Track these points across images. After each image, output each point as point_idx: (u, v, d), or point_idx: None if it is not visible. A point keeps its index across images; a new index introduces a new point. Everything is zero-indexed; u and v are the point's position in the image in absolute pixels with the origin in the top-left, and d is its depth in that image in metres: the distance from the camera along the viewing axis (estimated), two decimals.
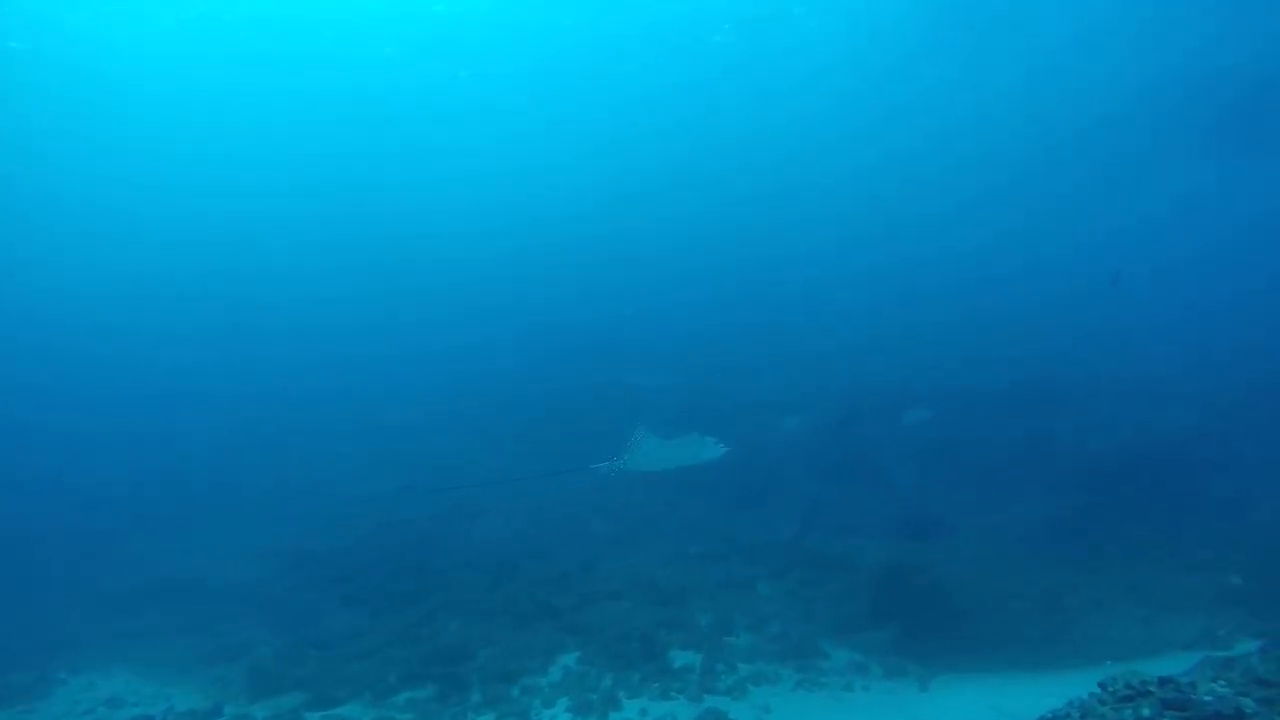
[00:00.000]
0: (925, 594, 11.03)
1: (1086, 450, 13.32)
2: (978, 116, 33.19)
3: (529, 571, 12.97)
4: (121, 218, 40.95)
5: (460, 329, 44.01)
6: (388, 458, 21.69)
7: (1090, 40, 25.50)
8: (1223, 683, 4.06)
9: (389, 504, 17.19)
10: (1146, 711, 3.84)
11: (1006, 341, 23.08)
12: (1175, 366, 21.10)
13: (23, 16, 23.81)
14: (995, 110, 32.34)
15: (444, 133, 35.64)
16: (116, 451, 26.46)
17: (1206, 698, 3.78)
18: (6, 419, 31.72)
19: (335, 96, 31.15)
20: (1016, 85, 29.38)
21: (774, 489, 16.04)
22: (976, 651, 9.75)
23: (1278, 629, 9.18)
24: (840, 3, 25.41)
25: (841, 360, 23.68)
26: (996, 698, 7.95)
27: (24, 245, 42.14)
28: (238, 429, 27.79)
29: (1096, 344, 23.80)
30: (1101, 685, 4.19)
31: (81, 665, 11.63)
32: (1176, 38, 23.98)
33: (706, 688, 8.39)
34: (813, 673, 9.17)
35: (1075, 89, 28.84)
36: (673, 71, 30.38)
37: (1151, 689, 3.98)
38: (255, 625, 12.55)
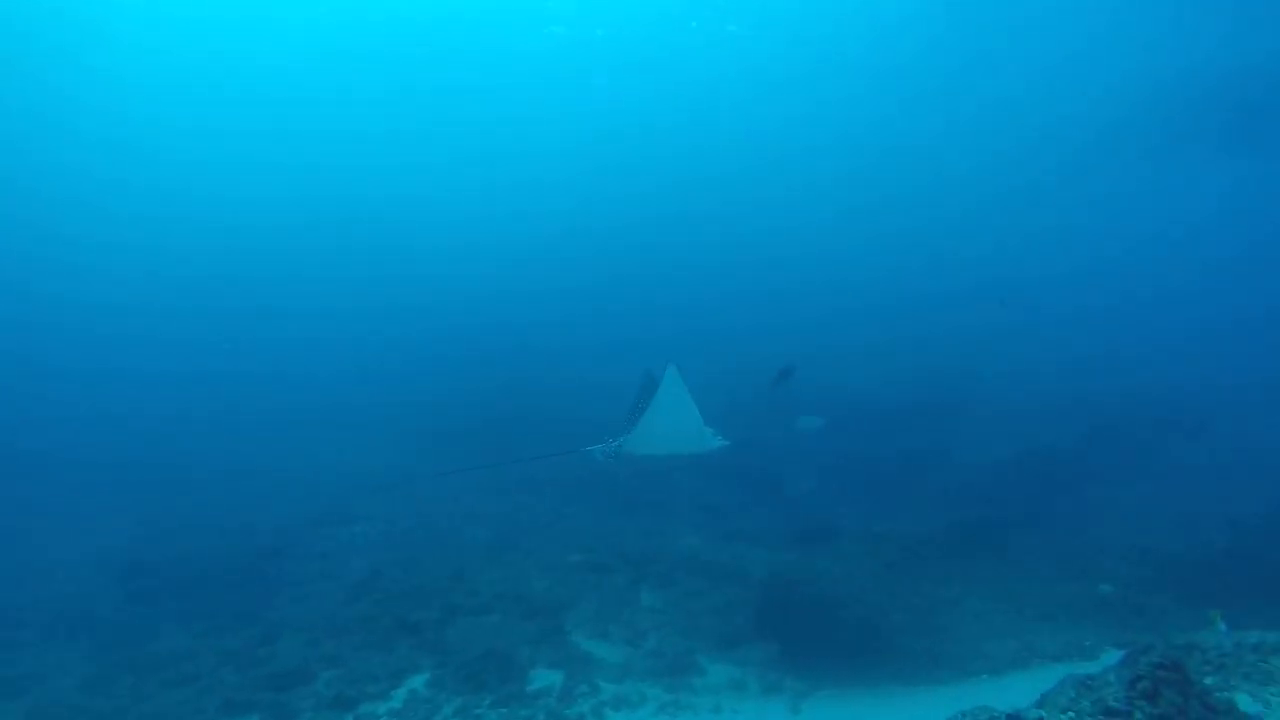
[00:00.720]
0: (810, 606, 10.75)
1: (978, 463, 13.36)
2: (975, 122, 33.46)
3: (392, 583, 12.01)
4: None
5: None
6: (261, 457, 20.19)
7: (1087, 42, 25.66)
8: (1071, 714, 3.70)
9: (250, 506, 15.83)
10: None
11: (916, 357, 23.55)
12: (1068, 380, 22.05)
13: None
14: (994, 115, 32.48)
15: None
16: None
17: None
18: None
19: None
20: (1019, 89, 29.64)
21: (669, 496, 15.60)
22: (857, 665, 9.50)
23: (1140, 639, 9.32)
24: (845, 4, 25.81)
25: (752, 369, 23.60)
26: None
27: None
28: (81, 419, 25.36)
29: (996, 360, 24.60)
30: None
31: None
32: (1175, 40, 23.94)
33: (557, 714, 7.72)
34: (684, 693, 8.66)
35: (1076, 93, 28.86)
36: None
37: None
38: (68, 648, 11.10)
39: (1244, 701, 4.20)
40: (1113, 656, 8.85)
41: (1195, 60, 24.07)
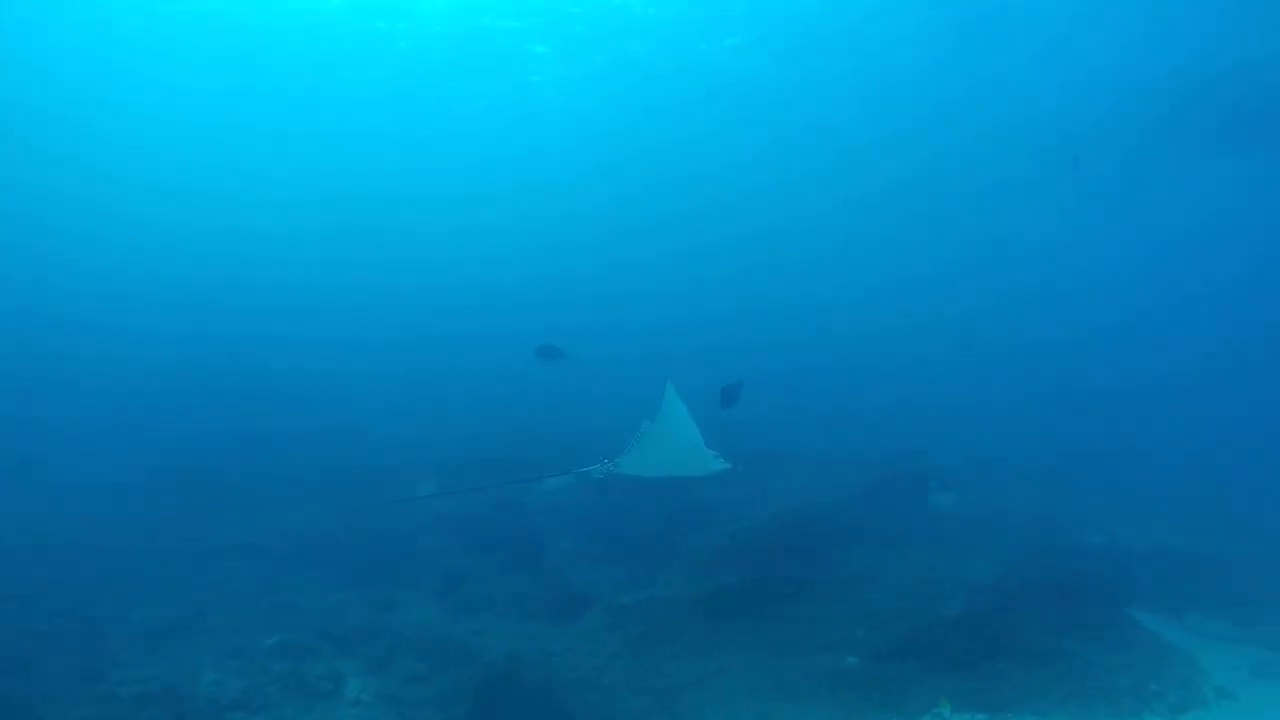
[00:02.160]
0: (536, 694, 9.42)
1: (749, 521, 12.74)
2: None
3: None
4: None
5: None
6: None
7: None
8: None
9: None
10: None
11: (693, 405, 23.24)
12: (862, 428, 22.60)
13: None
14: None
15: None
16: None
17: None
18: None
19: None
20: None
21: (411, 558, 13.76)
22: None
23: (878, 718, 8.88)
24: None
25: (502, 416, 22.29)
26: None
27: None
28: None
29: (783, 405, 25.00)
30: None
31: None
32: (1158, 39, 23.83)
33: None
34: None
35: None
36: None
37: None
38: None
39: None
40: None
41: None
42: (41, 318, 42.10)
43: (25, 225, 42.15)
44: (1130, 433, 24.07)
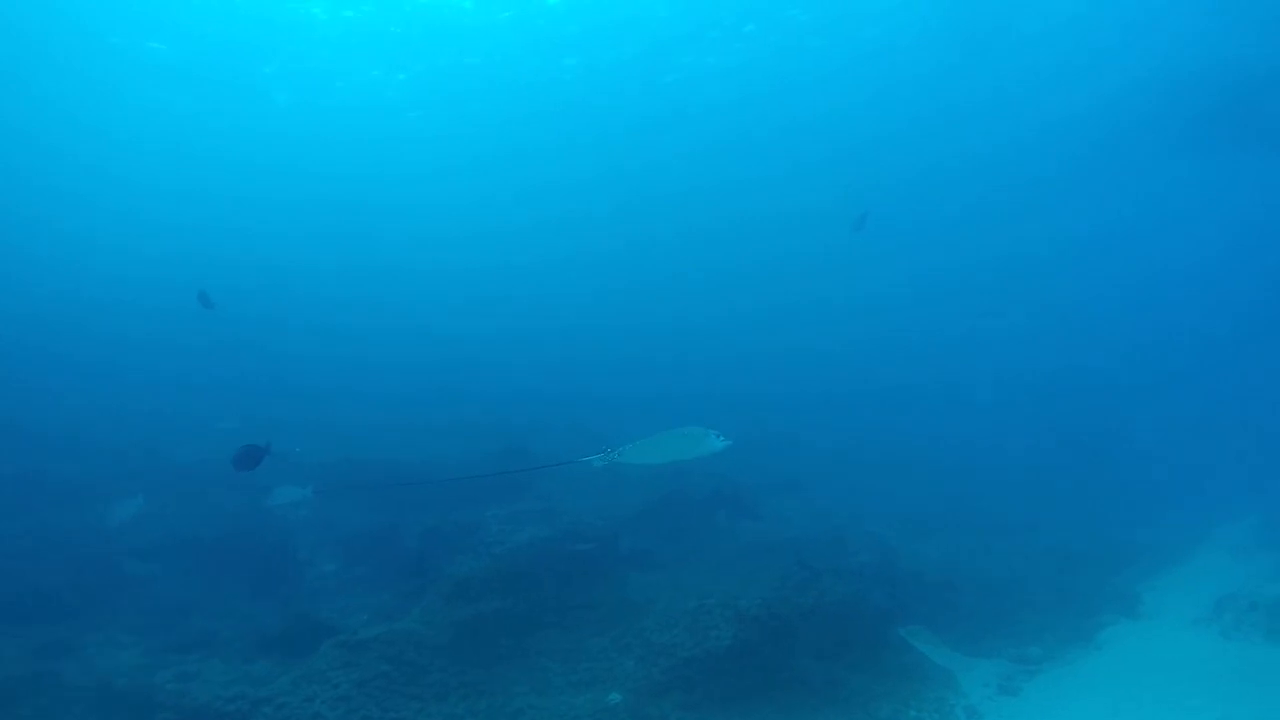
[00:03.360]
0: None
1: (511, 544, 11.65)
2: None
3: None
4: None
5: None
6: None
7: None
8: None
9: None
10: None
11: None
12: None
13: None
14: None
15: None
16: None
17: None
18: None
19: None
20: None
21: (106, 593, 11.47)
22: None
23: None
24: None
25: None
26: None
27: None
28: None
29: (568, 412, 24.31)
30: None
31: None
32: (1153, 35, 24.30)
33: None
34: None
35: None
36: None
37: None
38: None
39: None
40: None
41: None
42: None
43: None
44: (923, 452, 25.25)
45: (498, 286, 53.19)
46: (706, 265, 51.69)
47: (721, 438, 7.53)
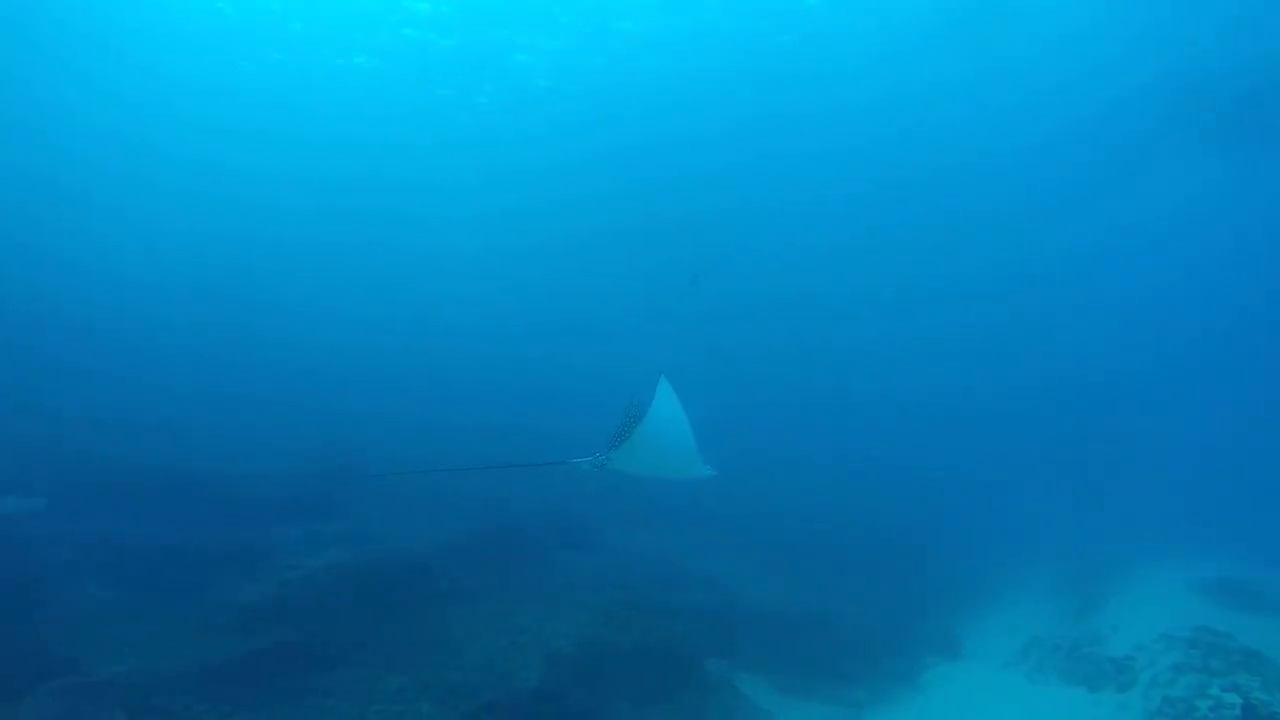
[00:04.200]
0: None
1: (307, 569, 10.38)
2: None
3: None
4: None
5: None
6: None
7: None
8: None
9: None
10: None
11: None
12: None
13: None
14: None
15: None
16: None
17: None
18: None
19: None
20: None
21: None
22: None
23: None
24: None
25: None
26: None
27: None
28: None
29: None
30: None
31: None
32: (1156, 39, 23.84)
33: None
34: None
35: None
36: None
37: None
38: None
39: None
40: None
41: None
42: None
43: None
44: (773, 488, 25.44)
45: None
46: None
47: (708, 466, 7.54)
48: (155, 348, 37.24)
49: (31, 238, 44.36)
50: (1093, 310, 47.26)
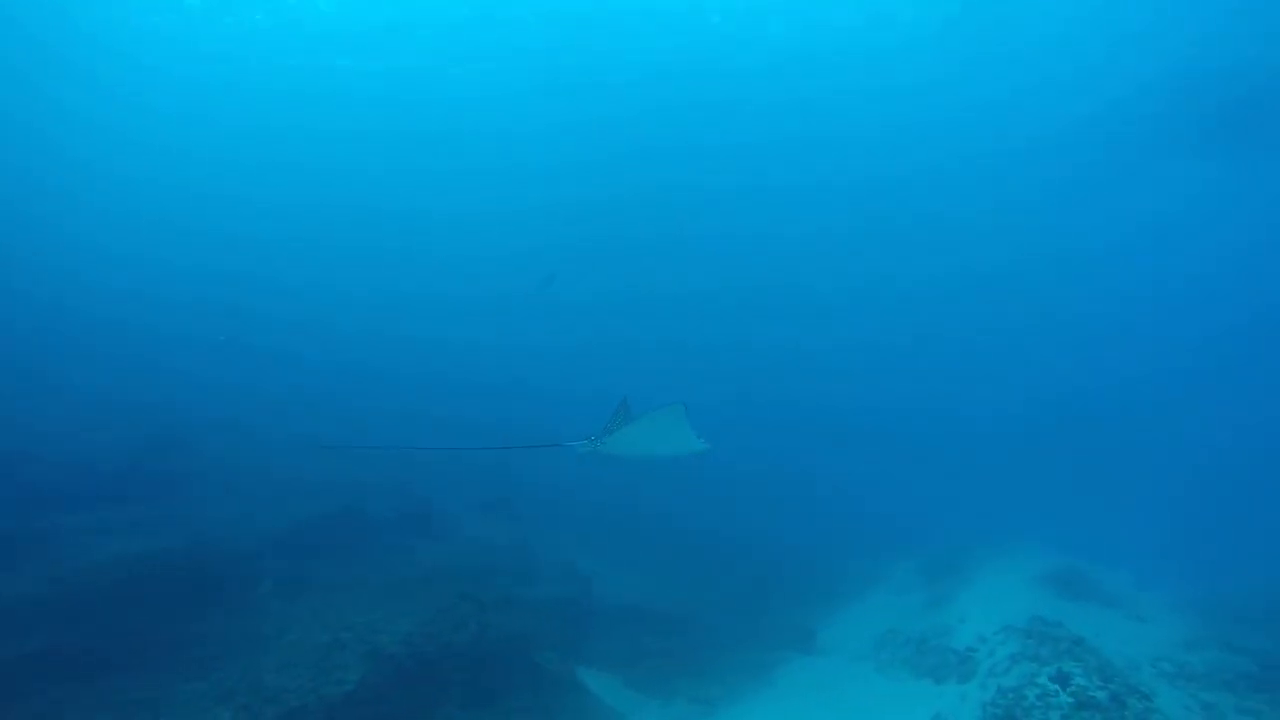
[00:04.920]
0: None
1: (80, 561, 9.14)
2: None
3: None
4: None
5: None
6: None
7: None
8: None
9: None
10: None
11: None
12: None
13: None
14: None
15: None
16: None
17: None
18: None
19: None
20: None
21: None
22: None
23: None
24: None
25: None
26: None
27: None
28: None
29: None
30: None
31: None
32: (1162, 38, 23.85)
33: None
34: None
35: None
36: None
37: None
38: None
39: None
40: None
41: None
42: None
43: None
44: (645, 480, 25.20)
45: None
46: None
47: (702, 440, 7.45)
48: None
49: None
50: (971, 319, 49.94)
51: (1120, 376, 47.08)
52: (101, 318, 35.13)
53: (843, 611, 15.85)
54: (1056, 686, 8.61)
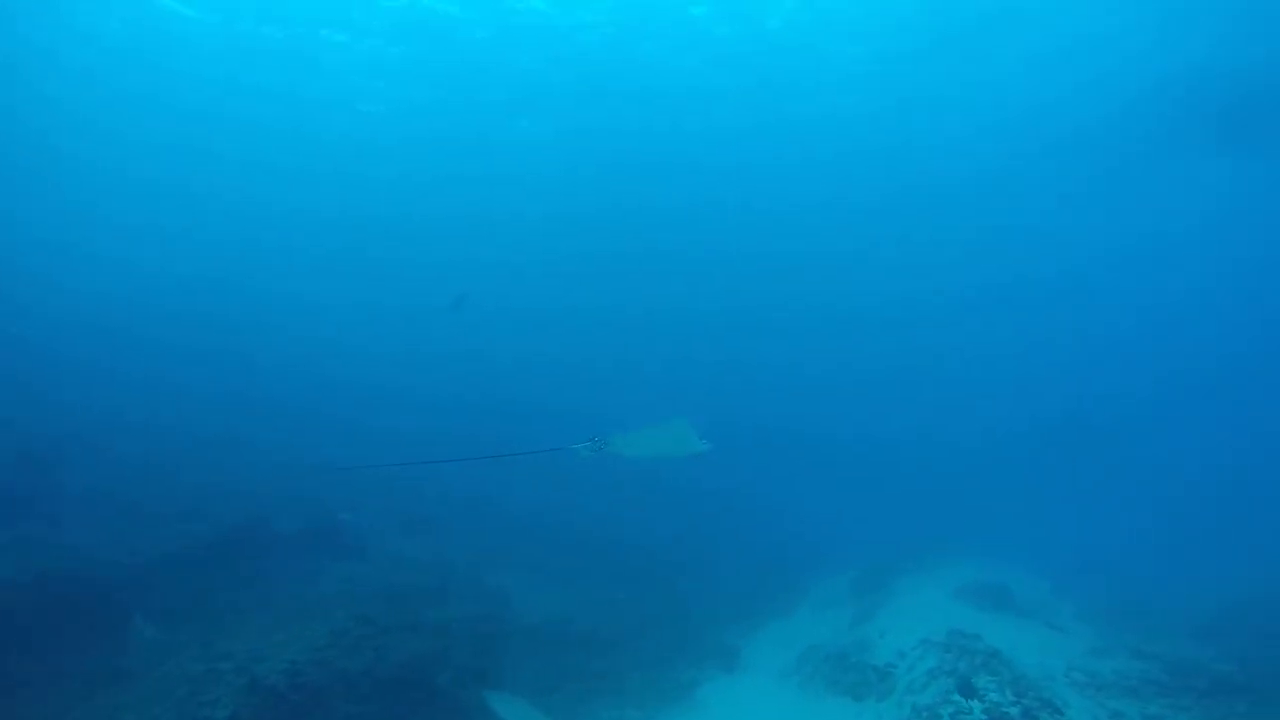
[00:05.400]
0: None
1: None
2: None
3: None
4: None
5: None
6: None
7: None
8: None
9: None
10: None
11: None
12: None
13: None
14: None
15: None
16: None
17: None
18: None
19: None
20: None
21: None
22: None
23: None
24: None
25: None
26: None
27: None
28: None
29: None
30: None
31: None
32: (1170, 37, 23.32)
33: None
34: None
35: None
36: None
37: None
38: None
39: None
40: None
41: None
42: None
43: None
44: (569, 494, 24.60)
45: None
46: None
47: (704, 440, 7.47)
48: None
49: None
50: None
51: (1067, 390, 48.74)
52: None
53: (769, 628, 15.67)
54: (972, 703, 8.53)
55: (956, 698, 8.56)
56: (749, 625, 15.37)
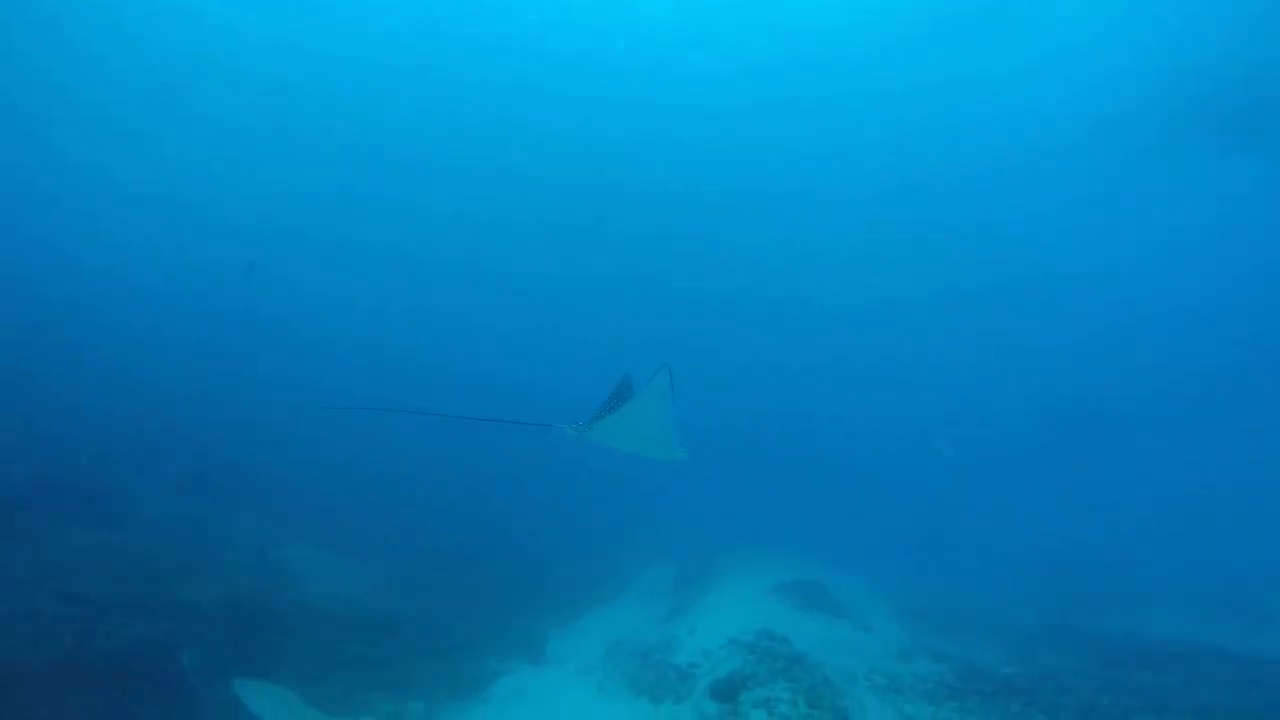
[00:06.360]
0: None
1: None
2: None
3: None
4: None
5: None
6: None
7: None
8: None
9: None
10: None
11: None
12: None
13: None
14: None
15: None
16: None
17: None
18: None
19: None
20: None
21: None
22: None
23: None
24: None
25: None
26: None
27: None
28: None
29: None
30: None
31: None
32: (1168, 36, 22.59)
33: None
34: None
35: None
36: None
37: None
38: None
39: None
40: None
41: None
42: None
43: None
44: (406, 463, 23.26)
45: None
46: None
47: (683, 449, 7.20)
48: None
49: None
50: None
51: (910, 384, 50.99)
52: None
53: (589, 617, 14.99)
54: (763, 714, 8.12)
55: (747, 709, 8.13)
56: (568, 614, 14.62)
